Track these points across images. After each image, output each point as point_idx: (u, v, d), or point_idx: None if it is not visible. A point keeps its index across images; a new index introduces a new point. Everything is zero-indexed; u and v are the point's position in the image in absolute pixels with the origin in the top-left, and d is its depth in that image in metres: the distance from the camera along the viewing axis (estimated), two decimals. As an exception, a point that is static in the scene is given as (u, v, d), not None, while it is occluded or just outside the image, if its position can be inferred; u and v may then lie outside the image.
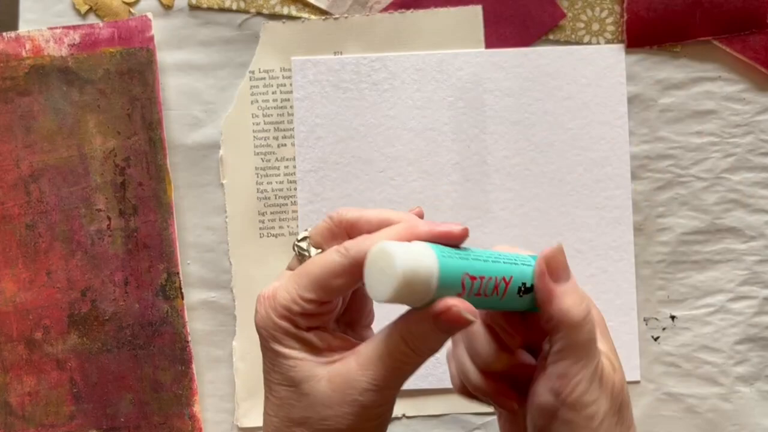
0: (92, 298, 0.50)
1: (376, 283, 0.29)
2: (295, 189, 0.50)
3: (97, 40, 0.50)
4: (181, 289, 0.50)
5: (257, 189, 0.51)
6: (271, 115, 0.51)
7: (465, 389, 0.36)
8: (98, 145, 0.50)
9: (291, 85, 0.50)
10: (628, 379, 0.50)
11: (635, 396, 0.50)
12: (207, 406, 0.51)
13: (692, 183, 0.51)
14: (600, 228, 0.50)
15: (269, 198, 0.51)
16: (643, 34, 0.50)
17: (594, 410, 0.32)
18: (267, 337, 0.32)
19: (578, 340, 0.32)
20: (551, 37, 0.50)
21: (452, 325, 0.30)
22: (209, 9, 0.51)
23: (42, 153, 0.50)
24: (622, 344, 0.50)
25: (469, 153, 0.50)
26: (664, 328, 0.51)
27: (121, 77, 0.50)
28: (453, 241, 0.31)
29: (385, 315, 0.34)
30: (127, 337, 0.50)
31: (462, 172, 0.50)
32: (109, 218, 0.50)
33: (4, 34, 0.50)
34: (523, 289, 0.33)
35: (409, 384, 0.50)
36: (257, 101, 0.50)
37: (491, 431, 0.50)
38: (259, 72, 0.50)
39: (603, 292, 0.50)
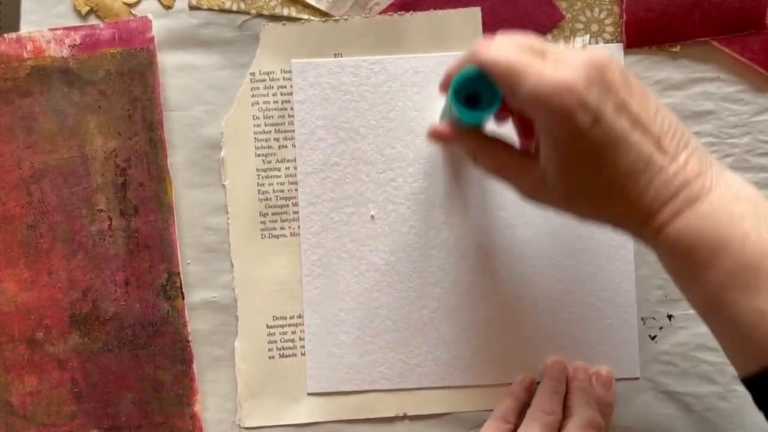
0: (93, 298, 0.50)
1: None
2: (296, 190, 0.51)
3: (98, 41, 0.50)
4: (181, 289, 0.50)
5: (258, 190, 0.51)
6: (272, 117, 0.51)
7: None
8: (99, 146, 0.50)
9: (291, 87, 0.50)
10: (628, 376, 0.50)
11: (633, 393, 0.51)
12: (208, 406, 0.51)
13: (690, 183, 0.51)
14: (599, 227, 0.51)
15: (270, 199, 0.51)
16: (642, 35, 0.50)
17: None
18: None
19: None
20: (550, 38, 0.51)
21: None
22: (209, 10, 0.51)
23: (43, 154, 0.50)
24: (621, 342, 0.50)
25: (468, 154, 0.50)
26: (661, 327, 0.51)
27: (121, 78, 0.50)
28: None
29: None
30: (128, 337, 0.50)
31: (461, 173, 0.50)
32: (110, 218, 0.50)
33: (6, 35, 0.50)
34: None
35: (411, 383, 0.51)
36: (258, 103, 0.51)
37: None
38: (260, 74, 0.51)
39: (603, 290, 0.50)
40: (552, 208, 0.40)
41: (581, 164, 0.36)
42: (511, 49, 0.37)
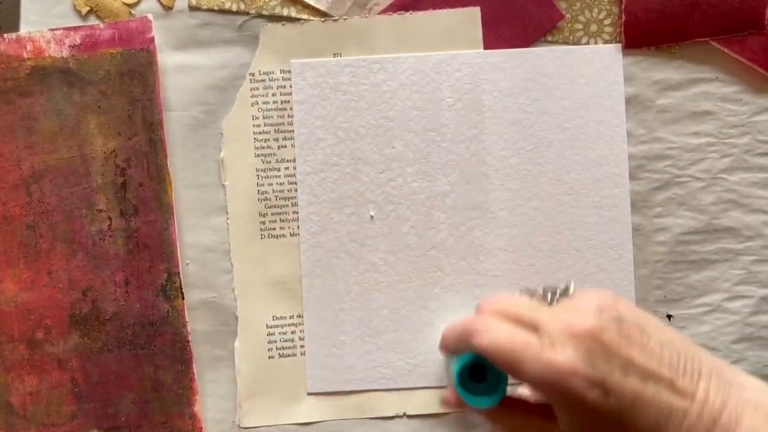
0: (93, 298, 0.50)
1: None
2: (296, 190, 0.51)
3: (98, 41, 0.50)
4: (181, 289, 0.50)
5: (258, 190, 0.51)
6: (272, 117, 0.51)
7: None
8: (99, 146, 0.50)
9: (291, 87, 0.51)
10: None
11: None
12: (207, 406, 0.51)
13: (690, 183, 0.51)
14: (598, 227, 0.51)
15: (270, 199, 0.51)
16: (641, 35, 0.50)
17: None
18: None
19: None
20: (549, 38, 0.51)
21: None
22: (209, 10, 0.51)
23: (43, 154, 0.50)
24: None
25: (468, 154, 0.50)
26: (661, 327, 0.51)
27: (121, 78, 0.50)
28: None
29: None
30: (127, 337, 0.50)
31: (461, 172, 0.51)
32: (110, 218, 0.50)
33: (5, 35, 0.50)
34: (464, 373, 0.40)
35: (411, 383, 0.51)
36: (257, 103, 0.51)
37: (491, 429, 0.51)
38: (260, 74, 0.51)
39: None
40: None
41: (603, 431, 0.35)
42: (502, 333, 0.36)
